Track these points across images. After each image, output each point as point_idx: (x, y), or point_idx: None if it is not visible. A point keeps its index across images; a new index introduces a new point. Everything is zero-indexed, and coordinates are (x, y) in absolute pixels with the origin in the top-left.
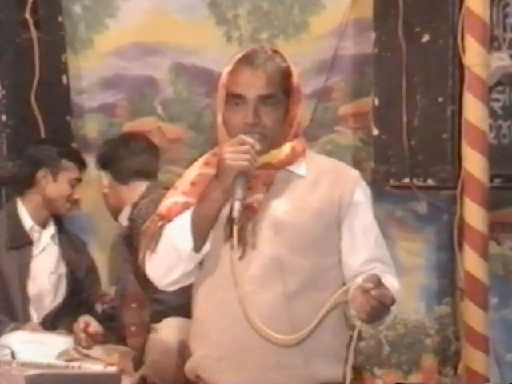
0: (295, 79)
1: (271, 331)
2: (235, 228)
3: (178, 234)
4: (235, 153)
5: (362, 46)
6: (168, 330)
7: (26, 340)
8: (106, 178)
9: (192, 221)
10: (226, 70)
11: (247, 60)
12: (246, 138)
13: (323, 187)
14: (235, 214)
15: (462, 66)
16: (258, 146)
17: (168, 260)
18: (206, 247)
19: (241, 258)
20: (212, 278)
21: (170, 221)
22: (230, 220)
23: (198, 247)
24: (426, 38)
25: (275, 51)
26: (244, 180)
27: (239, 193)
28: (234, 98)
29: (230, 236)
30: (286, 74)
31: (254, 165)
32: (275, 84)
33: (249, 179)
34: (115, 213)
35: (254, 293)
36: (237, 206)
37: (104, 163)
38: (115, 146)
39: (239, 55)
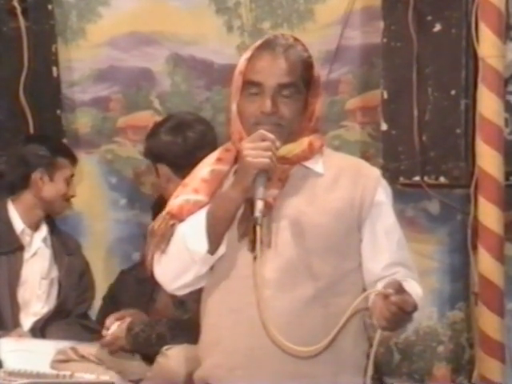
0: (316, 71)
1: (289, 338)
2: (258, 229)
3: (191, 235)
4: (256, 149)
5: (370, 35)
6: (177, 360)
7: (14, 348)
8: (163, 172)
9: (207, 221)
10: (244, 57)
11: (267, 46)
12: (267, 133)
13: (343, 187)
14: (257, 213)
15: (475, 57)
16: (278, 143)
17: (180, 262)
18: (222, 249)
19: (257, 258)
20: (225, 282)
21: (181, 220)
22: (248, 219)
23: (212, 249)
24: (437, 27)
25: (296, 40)
26: (265, 178)
27: (261, 191)
28: (251, 86)
29: (244, 235)
30: (308, 65)
31: (275, 162)
32: (296, 73)
33: (270, 177)
34: None
35: (272, 297)
36: (259, 205)
37: (158, 157)
38: (170, 139)
39: (259, 42)
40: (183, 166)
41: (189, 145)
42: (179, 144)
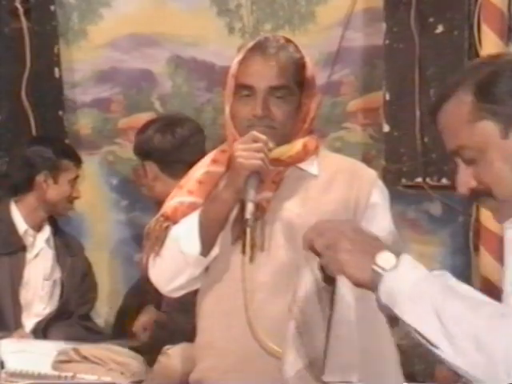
0: (309, 71)
1: (282, 342)
2: (248, 231)
3: (184, 237)
4: (247, 151)
5: (372, 37)
6: (179, 359)
7: (16, 349)
8: (150, 169)
9: (200, 223)
10: (236, 60)
11: (258, 49)
12: (259, 134)
13: (338, 188)
14: (248, 215)
15: None
16: (271, 144)
17: (173, 264)
18: (215, 251)
19: (250, 261)
20: (219, 284)
21: (175, 222)
22: (241, 222)
23: (205, 251)
24: (440, 28)
25: (289, 41)
26: (257, 180)
27: (252, 193)
28: (243, 89)
29: (238, 238)
30: (300, 65)
31: (268, 164)
32: (288, 75)
33: (262, 179)
34: None
35: (265, 301)
36: (250, 207)
37: (146, 153)
38: (159, 135)
39: (250, 44)
40: (170, 162)
41: (177, 140)
42: (167, 139)
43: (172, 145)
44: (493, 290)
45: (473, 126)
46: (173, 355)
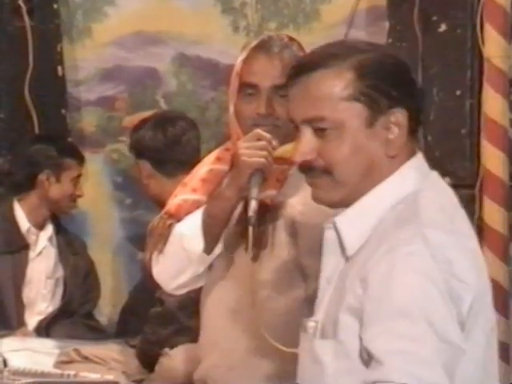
0: None
1: (286, 338)
2: (251, 229)
3: (187, 235)
4: (251, 149)
5: (375, 35)
6: (180, 360)
7: (19, 347)
8: (144, 168)
9: (203, 221)
10: (240, 58)
11: (262, 48)
12: (263, 133)
13: None
14: (251, 213)
15: (481, 58)
16: (275, 142)
17: (177, 262)
18: (218, 249)
19: (254, 259)
20: (224, 281)
21: (179, 220)
22: (245, 220)
23: (209, 249)
24: (443, 27)
25: (292, 39)
26: (260, 178)
27: (255, 191)
28: (247, 88)
29: (241, 236)
30: None
31: (271, 162)
32: None
33: (265, 177)
34: (161, 205)
35: (268, 298)
36: (253, 205)
37: (140, 152)
38: (151, 133)
39: (254, 43)
40: (163, 161)
41: (168, 139)
42: (159, 138)
43: (163, 143)
44: (496, 289)
45: (344, 102)
46: (174, 356)
